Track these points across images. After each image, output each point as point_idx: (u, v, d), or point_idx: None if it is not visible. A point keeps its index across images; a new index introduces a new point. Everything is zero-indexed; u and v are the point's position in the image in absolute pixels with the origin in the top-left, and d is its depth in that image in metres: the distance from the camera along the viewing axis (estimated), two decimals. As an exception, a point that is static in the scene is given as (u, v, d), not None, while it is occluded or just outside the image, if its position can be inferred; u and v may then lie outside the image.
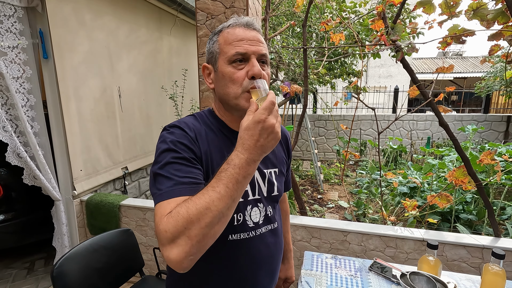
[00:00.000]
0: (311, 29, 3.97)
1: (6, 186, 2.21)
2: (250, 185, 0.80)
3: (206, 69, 0.78)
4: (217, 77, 0.74)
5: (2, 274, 2.34)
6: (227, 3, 1.49)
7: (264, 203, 0.83)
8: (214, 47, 0.74)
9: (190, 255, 0.54)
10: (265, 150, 0.59)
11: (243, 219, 0.77)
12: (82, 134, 2.19)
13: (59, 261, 1.23)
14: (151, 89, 3.06)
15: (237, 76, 0.70)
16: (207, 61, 0.78)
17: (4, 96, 1.76)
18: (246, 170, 0.57)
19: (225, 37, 0.73)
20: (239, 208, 0.77)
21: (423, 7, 1.74)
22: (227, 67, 0.71)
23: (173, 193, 0.61)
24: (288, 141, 0.99)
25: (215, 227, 0.56)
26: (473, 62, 15.13)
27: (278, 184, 0.87)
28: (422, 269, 0.95)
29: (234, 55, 0.70)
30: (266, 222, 0.83)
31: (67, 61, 2.03)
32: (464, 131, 4.93)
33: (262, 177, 0.83)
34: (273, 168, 0.88)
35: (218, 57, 0.73)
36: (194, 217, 0.54)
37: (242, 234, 0.77)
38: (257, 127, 0.57)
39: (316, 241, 1.81)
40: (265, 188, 0.83)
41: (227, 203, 0.56)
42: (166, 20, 3.23)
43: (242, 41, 0.71)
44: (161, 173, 0.65)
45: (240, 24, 0.73)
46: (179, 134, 0.70)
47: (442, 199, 1.84)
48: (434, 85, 2.00)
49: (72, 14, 2.07)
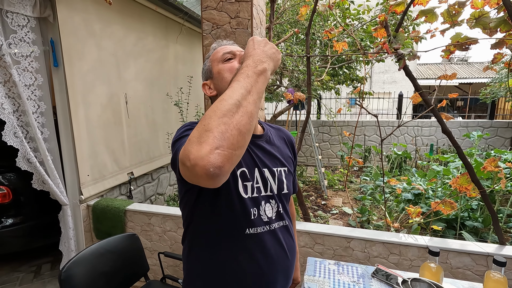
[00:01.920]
0: (315, 36, 4.02)
1: (15, 190, 2.26)
2: (262, 182, 0.84)
3: (205, 85, 0.88)
4: (215, 80, 0.84)
5: (10, 277, 2.38)
6: (232, 14, 1.53)
7: (276, 199, 0.87)
8: (207, 65, 0.88)
9: (216, 148, 0.52)
10: (268, 54, 0.69)
11: (258, 213, 0.82)
12: (89, 140, 2.24)
13: (67, 265, 1.26)
14: (157, 95, 3.11)
15: (230, 65, 0.82)
16: (205, 79, 0.89)
17: (16, 103, 1.82)
18: (255, 67, 0.65)
19: (213, 53, 0.88)
20: (254, 203, 0.81)
21: (426, 16, 1.76)
22: (221, 66, 0.83)
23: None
24: (293, 143, 1.04)
25: (234, 116, 0.56)
26: (478, 68, 15.04)
27: (287, 182, 0.92)
28: (424, 276, 0.95)
29: (224, 55, 0.84)
30: (278, 218, 0.87)
31: (76, 69, 2.09)
32: (469, 137, 4.90)
33: (272, 175, 0.87)
34: (282, 166, 0.92)
35: (212, 67, 0.86)
36: (210, 112, 0.57)
37: (258, 228, 0.81)
38: (250, 42, 0.72)
39: (319, 247, 1.82)
40: (276, 186, 0.87)
41: (241, 93, 0.59)
42: (173, 29, 3.30)
43: (225, 47, 0.87)
44: (181, 136, 0.75)
45: (224, 42, 0.89)
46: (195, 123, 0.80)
47: (446, 206, 1.83)
48: (437, 92, 2.01)
49: (82, 23, 2.13)
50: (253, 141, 0.86)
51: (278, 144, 0.95)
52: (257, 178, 0.83)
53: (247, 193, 0.80)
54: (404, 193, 3.21)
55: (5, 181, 2.22)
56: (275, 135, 0.97)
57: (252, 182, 0.81)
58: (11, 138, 1.77)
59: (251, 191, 0.81)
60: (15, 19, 1.73)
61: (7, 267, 2.52)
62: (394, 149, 5.49)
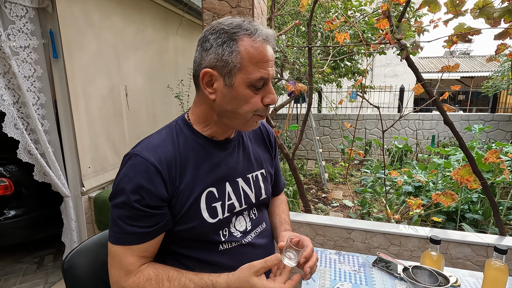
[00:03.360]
0: (316, 28, 3.98)
1: (17, 182, 2.27)
2: (236, 196, 0.77)
3: (208, 75, 0.66)
4: (227, 92, 0.66)
5: (13, 268, 2.40)
6: (233, 3, 1.51)
7: (249, 209, 0.81)
8: (233, 59, 0.63)
9: None
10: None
11: (229, 232, 0.76)
12: (90, 132, 2.24)
13: (70, 254, 1.26)
14: (157, 88, 3.10)
15: (254, 100, 0.67)
16: (213, 67, 0.65)
17: (16, 95, 1.81)
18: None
19: (250, 52, 0.63)
20: (223, 224, 0.75)
21: (429, 6, 1.74)
22: (245, 89, 0.65)
23: (125, 240, 0.66)
24: (271, 137, 0.94)
25: None
26: (480, 61, 14.93)
27: (265, 186, 0.85)
28: (425, 264, 0.96)
29: (259, 80, 0.65)
30: (254, 225, 0.82)
31: (76, 61, 2.07)
32: (470, 130, 4.89)
33: (248, 183, 0.81)
34: (258, 169, 0.85)
35: (237, 73, 0.64)
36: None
37: (232, 243, 0.76)
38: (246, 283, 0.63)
39: (320, 239, 1.83)
40: (253, 194, 0.81)
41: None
42: (173, 20, 3.27)
43: (267, 62, 0.65)
44: (114, 215, 0.66)
45: (262, 37, 0.64)
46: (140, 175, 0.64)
47: (447, 198, 1.83)
48: (439, 84, 2.00)
49: (81, 14, 2.11)
50: (223, 149, 0.77)
51: (252, 143, 0.87)
52: (229, 194, 0.76)
53: (216, 216, 0.73)
54: (405, 186, 3.21)
55: (6, 173, 2.23)
56: (249, 132, 0.88)
57: (223, 201, 0.74)
58: (11, 130, 1.77)
59: (222, 211, 0.74)
60: (14, 9, 1.71)
61: (10, 258, 2.54)
62: (395, 143, 5.49)
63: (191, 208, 0.70)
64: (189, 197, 0.70)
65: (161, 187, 0.66)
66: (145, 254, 0.68)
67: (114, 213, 0.66)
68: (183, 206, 0.69)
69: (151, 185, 0.64)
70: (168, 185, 0.67)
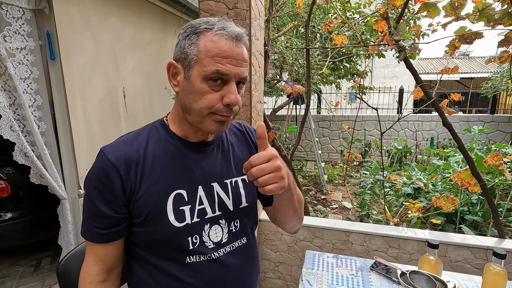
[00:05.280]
0: (315, 29, 3.97)
1: (13, 185, 2.26)
2: (209, 201, 0.72)
3: (173, 67, 0.67)
4: (186, 85, 0.65)
5: (10, 271, 2.39)
6: (230, 4, 1.50)
7: (227, 218, 0.75)
8: (191, 50, 0.63)
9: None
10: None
11: (200, 240, 0.70)
12: (87, 134, 2.23)
13: (64, 258, 1.25)
14: (155, 89, 3.09)
15: (211, 97, 0.63)
16: (176, 59, 0.66)
17: (12, 97, 1.80)
18: None
19: (207, 46, 0.61)
20: (194, 229, 0.70)
21: (427, 11, 1.72)
22: (201, 83, 0.62)
23: (85, 234, 0.69)
24: (253, 137, 0.87)
25: None
26: (480, 62, 14.95)
27: (246, 193, 0.78)
28: (423, 269, 0.95)
29: (213, 73, 0.61)
30: (232, 239, 0.75)
31: (73, 62, 2.06)
32: (470, 131, 4.88)
33: (225, 189, 0.75)
34: (238, 176, 0.78)
35: (193, 65, 0.63)
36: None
37: (201, 256, 0.70)
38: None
39: (318, 241, 1.82)
40: (231, 202, 0.75)
41: None
42: (171, 21, 3.26)
43: (227, 58, 0.61)
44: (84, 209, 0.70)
45: (228, 34, 0.62)
46: (99, 172, 0.66)
47: (447, 202, 1.81)
48: (439, 85, 1.99)
49: (78, 16, 2.10)
50: (198, 151, 0.73)
51: (234, 148, 0.81)
52: (201, 198, 0.71)
53: (183, 220, 0.68)
54: (404, 188, 3.20)
55: (3, 175, 2.22)
56: (232, 136, 0.83)
57: (193, 205, 0.70)
58: (7, 132, 1.75)
59: (190, 216, 0.69)
60: (10, 11, 1.70)
61: (7, 261, 2.53)
62: (395, 144, 5.48)
63: (155, 209, 0.67)
64: (154, 197, 0.68)
65: (118, 184, 0.66)
66: (105, 258, 0.71)
67: (83, 206, 0.71)
68: (146, 206, 0.67)
69: (107, 181, 0.66)
70: (126, 183, 0.66)
